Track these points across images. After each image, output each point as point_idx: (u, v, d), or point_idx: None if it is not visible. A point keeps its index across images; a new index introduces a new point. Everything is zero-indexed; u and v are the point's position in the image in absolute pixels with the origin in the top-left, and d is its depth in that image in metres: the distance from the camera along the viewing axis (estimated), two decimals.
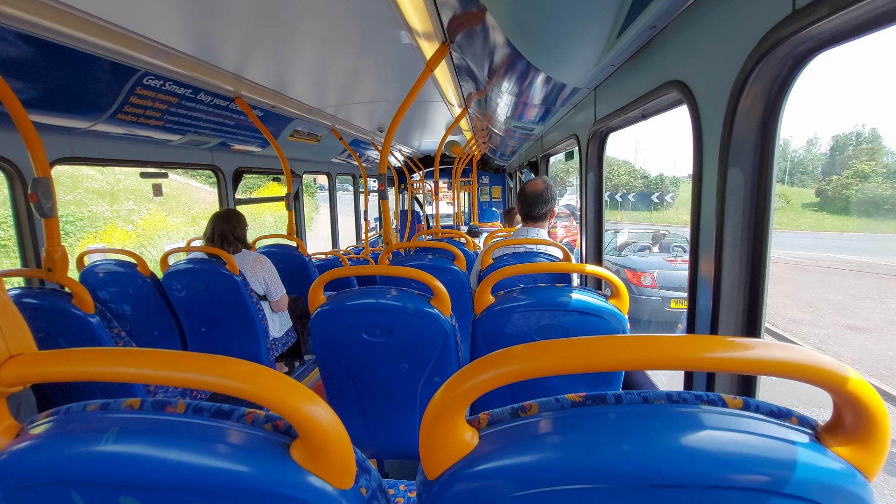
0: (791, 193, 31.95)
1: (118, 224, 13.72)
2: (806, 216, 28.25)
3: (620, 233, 11.23)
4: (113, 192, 14.87)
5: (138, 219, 14.62)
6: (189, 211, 17.09)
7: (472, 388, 0.50)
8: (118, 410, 0.57)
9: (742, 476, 0.46)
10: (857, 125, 54.63)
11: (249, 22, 1.77)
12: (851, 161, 30.46)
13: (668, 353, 0.48)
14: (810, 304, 9.92)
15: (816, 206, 29.33)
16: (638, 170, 42.30)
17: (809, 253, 16.42)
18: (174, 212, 16.44)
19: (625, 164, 43.33)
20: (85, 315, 1.71)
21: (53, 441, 0.54)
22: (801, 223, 26.75)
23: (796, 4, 0.78)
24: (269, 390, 0.50)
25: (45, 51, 1.74)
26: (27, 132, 1.62)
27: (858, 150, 32.44)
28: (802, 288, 11.30)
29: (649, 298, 7.26)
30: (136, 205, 15.18)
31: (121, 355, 0.54)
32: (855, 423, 0.48)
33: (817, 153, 39.81)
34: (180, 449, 0.52)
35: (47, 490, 0.54)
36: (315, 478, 0.52)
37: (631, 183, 39.94)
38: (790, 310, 9.50)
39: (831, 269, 13.62)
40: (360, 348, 1.50)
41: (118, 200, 14.70)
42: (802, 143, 47.11)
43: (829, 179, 30.56)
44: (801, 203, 30.19)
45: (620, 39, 1.30)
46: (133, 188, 15.59)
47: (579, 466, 0.48)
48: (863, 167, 28.19)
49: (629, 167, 42.76)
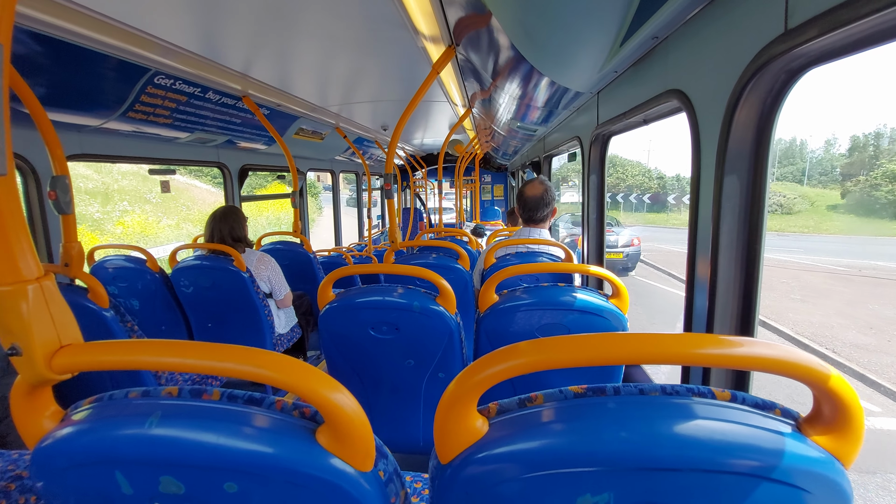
0: (813, 195, 30.61)
1: (106, 226, 13.29)
2: (833, 219, 26.84)
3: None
4: (107, 192, 14.45)
5: (129, 220, 14.15)
6: (187, 213, 16.67)
7: (484, 380, 0.54)
8: (159, 397, 0.62)
9: (729, 461, 0.50)
10: (879, 125, 53.04)
11: (258, 22, 1.81)
12: (880, 161, 29.22)
13: (662, 349, 0.52)
14: (870, 323, 8.48)
15: (844, 209, 27.87)
16: (653, 170, 41.91)
17: (847, 260, 14.98)
18: (170, 212, 16.01)
19: (638, 165, 42.71)
20: (100, 309, 1.76)
21: (100, 424, 0.59)
22: (828, 226, 25.37)
23: (788, 24, 0.82)
24: (299, 378, 0.55)
25: (59, 50, 1.77)
26: (46, 130, 1.66)
27: (878, 150, 31.34)
28: (854, 303, 9.93)
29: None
30: (131, 205, 14.77)
31: (164, 346, 0.59)
32: (833, 415, 0.52)
33: (836, 153, 38.70)
34: (217, 432, 0.56)
35: (93, 470, 0.58)
36: (338, 460, 0.57)
37: (646, 184, 39.67)
38: (848, 331, 8.05)
39: (878, 279, 12.11)
40: (367, 344, 1.55)
41: (112, 201, 14.27)
42: (820, 143, 45.79)
43: (855, 180, 29.31)
44: (825, 205, 28.75)
45: (623, 48, 1.34)
46: (131, 189, 15.18)
47: (581, 451, 0.53)
48: (893, 167, 26.69)
49: (642, 168, 42.18)
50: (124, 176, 15.56)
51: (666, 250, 18.27)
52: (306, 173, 5.29)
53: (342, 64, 2.46)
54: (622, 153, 44.72)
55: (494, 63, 1.90)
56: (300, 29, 1.89)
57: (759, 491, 0.51)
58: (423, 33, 1.91)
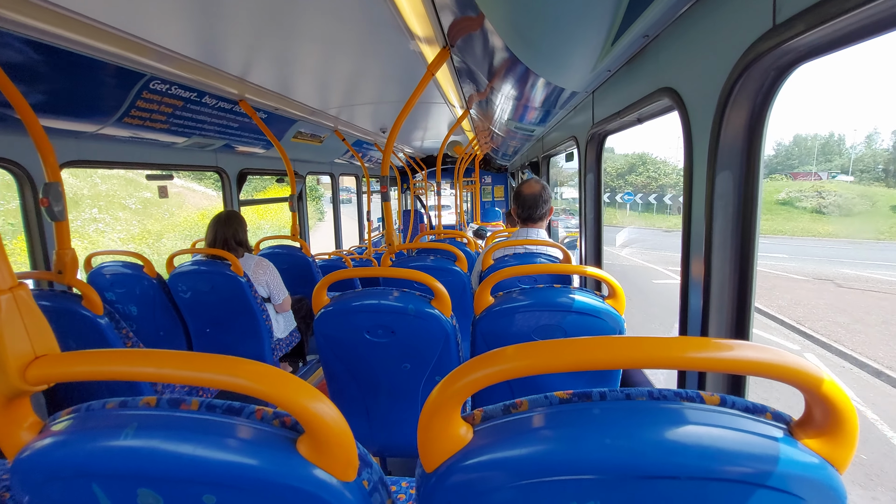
0: (872, 193, 27.35)
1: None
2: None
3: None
4: (76, 197, 13.00)
5: (91, 231, 12.44)
6: (169, 220, 15.17)
7: (466, 386, 0.53)
8: (136, 408, 0.61)
9: (718, 467, 0.49)
10: None
11: (253, 26, 1.81)
12: None
13: (650, 354, 0.51)
14: None
15: None
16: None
17: None
18: (153, 219, 14.69)
19: (664, 163, 41.13)
20: (94, 316, 1.75)
21: (76, 436, 0.58)
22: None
23: (777, 20, 0.81)
24: (278, 388, 0.54)
25: (54, 57, 1.78)
26: (38, 137, 1.66)
27: None
28: None
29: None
30: (103, 213, 13.29)
31: (140, 356, 0.58)
32: (825, 419, 0.51)
33: (878, 149, 37.17)
34: (195, 443, 0.55)
35: (70, 483, 0.57)
36: (320, 470, 0.55)
37: (681, 183, 37.69)
38: None
39: None
40: (362, 348, 1.54)
41: (79, 207, 12.81)
42: (860, 138, 43.78)
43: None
44: (888, 205, 25.31)
45: (615, 47, 1.34)
46: (108, 194, 13.99)
47: (565, 459, 0.51)
48: None
49: (675, 166, 40.11)
50: (105, 179, 14.24)
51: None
52: (305, 177, 5.30)
53: (338, 67, 2.46)
54: (650, 150, 42.96)
55: (489, 64, 1.90)
56: (295, 32, 1.89)
57: (749, 498, 0.50)
58: (417, 35, 1.90)
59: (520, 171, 6.64)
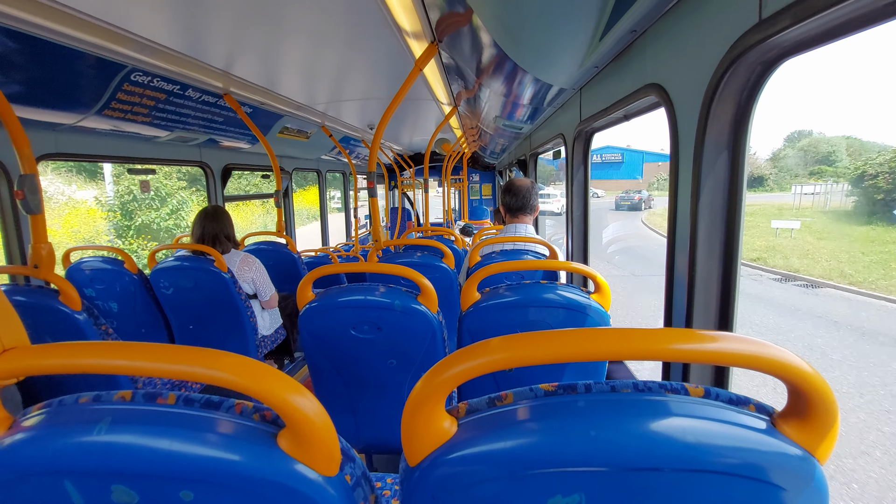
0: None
1: None
2: None
3: None
4: None
5: None
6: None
7: (449, 379, 0.53)
8: (110, 402, 0.59)
9: (701, 458, 0.49)
10: None
11: (238, 18, 1.77)
12: None
13: (633, 345, 0.51)
14: None
15: None
16: None
17: None
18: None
19: None
20: (72, 312, 1.71)
21: (47, 432, 0.56)
22: None
23: (762, 14, 0.82)
24: (257, 380, 0.52)
25: (30, 46, 1.72)
26: (13, 128, 1.61)
27: None
28: None
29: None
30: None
31: (113, 348, 0.56)
32: (807, 410, 0.51)
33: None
34: (171, 438, 0.54)
35: (41, 480, 0.55)
36: (301, 465, 0.54)
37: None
38: None
39: None
40: (348, 344, 1.52)
41: None
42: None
43: None
44: None
45: (603, 42, 1.34)
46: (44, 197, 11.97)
47: (550, 451, 0.51)
48: None
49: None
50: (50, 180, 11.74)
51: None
52: (291, 173, 5.23)
53: (326, 61, 2.43)
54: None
55: (477, 60, 1.89)
56: (281, 25, 1.86)
57: (732, 488, 0.50)
58: (405, 29, 1.89)
59: (507, 170, 6.65)
